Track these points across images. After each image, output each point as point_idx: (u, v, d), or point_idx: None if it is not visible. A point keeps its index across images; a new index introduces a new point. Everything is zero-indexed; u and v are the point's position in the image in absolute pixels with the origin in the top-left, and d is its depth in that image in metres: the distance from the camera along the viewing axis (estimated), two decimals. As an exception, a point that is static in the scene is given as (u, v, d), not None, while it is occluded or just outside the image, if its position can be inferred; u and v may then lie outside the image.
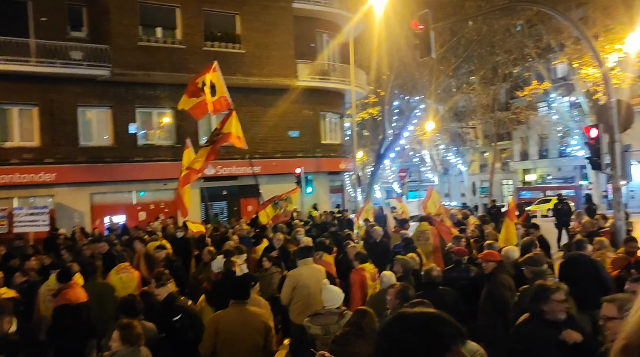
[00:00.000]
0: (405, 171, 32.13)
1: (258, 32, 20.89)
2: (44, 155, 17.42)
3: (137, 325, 4.52)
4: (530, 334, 3.94)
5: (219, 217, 20.17)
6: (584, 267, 6.42)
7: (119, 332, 4.41)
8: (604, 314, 3.48)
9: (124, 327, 4.45)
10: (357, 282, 7.00)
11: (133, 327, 4.44)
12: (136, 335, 4.39)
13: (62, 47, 17.20)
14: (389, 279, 6.03)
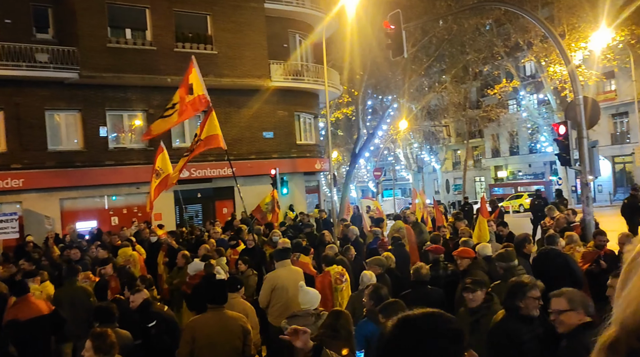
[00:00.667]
0: (380, 170, 32.31)
1: (230, 32, 20.73)
2: (11, 160, 16.93)
3: (110, 334, 4.41)
4: (511, 330, 4.00)
5: (194, 221, 19.96)
6: (556, 261, 6.56)
7: (91, 342, 4.31)
8: (555, 309, 3.56)
9: (97, 336, 4.34)
10: (325, 285, 7.00)
11: (107, 336, 4.34)
12: (110, 344, 4.29)
13: (27, 49, 16.74)
14: (369, 278, 6.05)
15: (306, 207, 23.18)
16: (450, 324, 1.49)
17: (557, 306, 3.55)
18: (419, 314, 1.51)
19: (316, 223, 16.32)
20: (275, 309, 6.45)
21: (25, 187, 16.91)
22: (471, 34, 27.87)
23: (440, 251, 7.60)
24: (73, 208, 18.41)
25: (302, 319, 4.95)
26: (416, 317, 1.50)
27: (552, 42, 11.53)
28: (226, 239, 11.60)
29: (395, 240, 9.25)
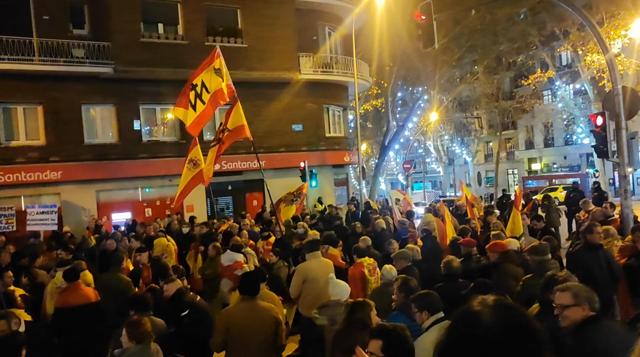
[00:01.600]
0: (409, 163, 32.06)
1: (260, 26, 20.82)
2: (50, 153, 17.47)
3: (145, 322, 4.54)
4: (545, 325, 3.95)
5: (224, 213, 20.22)
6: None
7: (127, 330, 4.44)
8: (560, 303, 3.54)
9: (131, 324, 4.47)
10: (356, 276, 7.01)
11: (142, 324, 4.46)
12: (145, 332, 4.42)
13: (64, 45, 17.20)
14: (389, 272, 6.03)
15: (335, 200, 23.20)
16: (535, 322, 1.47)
17: (562, 300, 3.53)
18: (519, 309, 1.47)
19: (345, 216, 16.34)
20: (306, 300, 6.50)
21: (63, 179, 17.44)
22: (504, 24, 27.23)
23: (472, 243, 7.51)
24: (108, 200, 18.90)
25: (332, 309, 4.99)
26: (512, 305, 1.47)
27: (590, 30, 11.17)
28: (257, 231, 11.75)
29: (426, 233, 9.18)
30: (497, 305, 1.43)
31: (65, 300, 6.49)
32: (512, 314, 1.42)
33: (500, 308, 1.42)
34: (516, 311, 1.44)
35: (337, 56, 23.76)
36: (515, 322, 1.39)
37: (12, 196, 16.12)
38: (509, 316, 1.40)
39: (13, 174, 16.58)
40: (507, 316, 1.40)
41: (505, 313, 1.41)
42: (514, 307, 1.46)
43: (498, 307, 1.42)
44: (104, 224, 16.93)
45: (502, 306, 1.43)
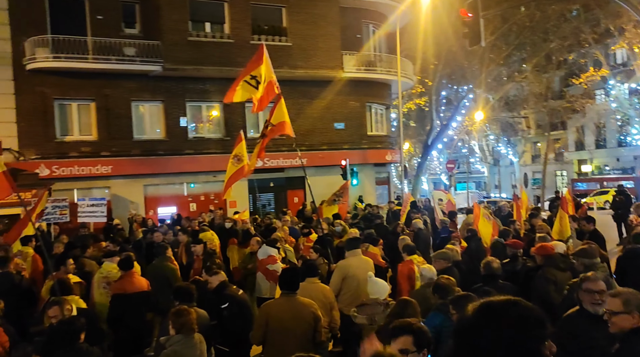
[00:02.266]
0: (453, 162, 31.45)
1: (304, 24, 20.96)
2: (101, 148, 18.18)
3: (191, 312, 4.67)
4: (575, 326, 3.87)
5: (266, 209, 20.49)
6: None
7: (171, 319, 4.59)
8: (609, 309, 3.45)
9: (176, 314, 4.62)
10: (404, 274, 6.98)
11: (184, 314, 4.60)
12: (186, 322, 4.55)
13: (116, 43, 17.84)
14: (428, 272, 5.98)
15: (376, 199, 23.10)
16: (531, 311, 1.47)
17: (612, 306, 3.44)
18: (501, 300, 1.50)
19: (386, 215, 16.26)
20: (345, 298, 6.53)
21: (113, 174, 18.11)
22: (555, 21, 26.40)
23: (518, 245, 7.35)
24: (155, 194, 19.49)
25: (371, 308, 5.00)
26: (497, 304, 1.49)
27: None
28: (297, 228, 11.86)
29: (471, 233, 9.02)
30: (482, 305, 1.50)
31: (122, 287, 6.77)
32: (492, 312, 1.47)
33: (483, 309, 1.49)
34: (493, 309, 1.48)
35: (380, 54, 23.63)
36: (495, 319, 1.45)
37: (66, 188, 16.84)
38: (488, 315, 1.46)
39: (67, 168, 17.35)
40: (486, 314, 1.47)
41: (486, 312, 1.47)
42: (496, 305, 1.49)
43: (481, 308, 1.49)
44: (151, 217, 17.49)
45: (485, 306, 1.50)
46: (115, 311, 6.47)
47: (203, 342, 4.69)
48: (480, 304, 1.51)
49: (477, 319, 1.47)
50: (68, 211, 13.40)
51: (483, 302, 1.51)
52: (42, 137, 17.25)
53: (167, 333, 4.66)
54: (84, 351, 4.32)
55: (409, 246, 7.49)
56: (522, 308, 1.47)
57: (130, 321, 6.51)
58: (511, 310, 1.46)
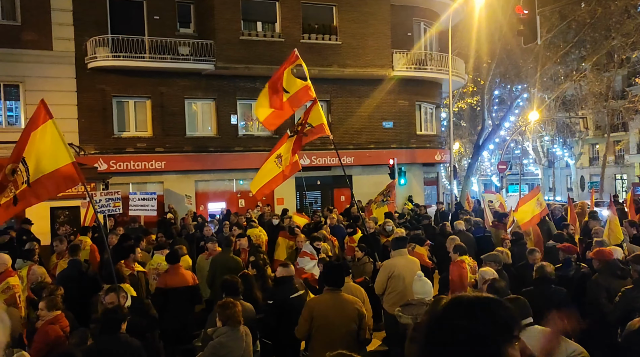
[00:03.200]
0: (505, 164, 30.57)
1: (355, 22, 20.92)
2: (155, 144, 18.81)
3: (236, 304, 4.78)
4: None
5: (313, 207, 20.61)
6: None
7: (218, 311, 4.70)
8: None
9: (222, 306, 4.73)
10: (456, 274, 6.87)
11: (232, 306, 4.71)
12: (231, 314, 4.65)
13: (172, 43, 18.42)
14: (489, 274, 5.85)
15: (424, 199, 22.80)
16: (502, 310, 1.44)
17: None
18: (472, 296, 1.51)
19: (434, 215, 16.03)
20: (390, 297, 6.50)
21: (166, 169, 18.71)
22: (618, 17, 25.16)
23: (572, 250, 7.08)
24: (206, 190, 19.99)
25: (416, 307, 4.94)
26: (467, 299, 1.49)
27: None
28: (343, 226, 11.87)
29: (515, 237, 8.77)
30: (453, 299, 1.51)
31: (164, 281, 7.00)
32: (462, 307, 1.46)
33: (453, 302, 1.49)
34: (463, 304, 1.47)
35: (431, 53, 23.27)
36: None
37: (122, 182, 17.50)
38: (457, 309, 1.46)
39: (123, 163, 18.07)
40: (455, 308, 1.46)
41: (455, 306, 1.47)
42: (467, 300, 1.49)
43: (452, 301, 1.50)
44: (201, 212, 17.96)
45: (456, 299, 1.50)
46: (156, 304, 6.68)
47: (249, 334, 4.78)
48: (451, 297, 1.52)
49: (445, 312, 1.47)
50: (121, 204, 13.86)
51: (454, 296, 1.53)
52: (101, 133, 18.03)
53: (214, 325, 4.78)
54: (122, 341, 4.49)
55: (460, 247, 7.36)
56: (492, 306, 1.45)
57: (173, 314, 6.70)
58: (478, 306, 1.45)
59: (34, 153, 5.76)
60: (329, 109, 21.32)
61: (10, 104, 17.41)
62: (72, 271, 7.46)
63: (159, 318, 6.58)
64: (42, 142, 5.80)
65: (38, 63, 17.01)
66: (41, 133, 5.82)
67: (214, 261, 8.13)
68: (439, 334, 1.44)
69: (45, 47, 17.20)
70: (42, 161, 5.76)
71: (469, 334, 1.39)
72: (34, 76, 16.96)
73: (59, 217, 14.16)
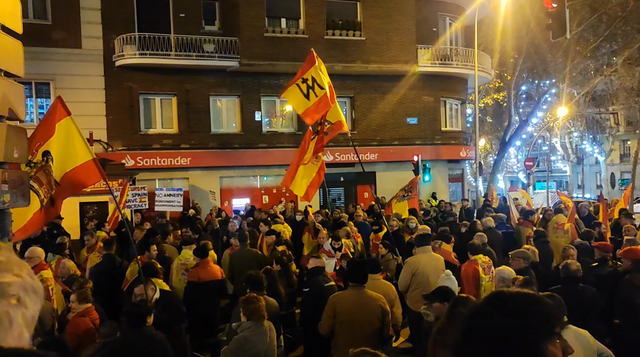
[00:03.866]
0: (532, 160, 30.00)
1: (379, 18, 20.79)
2: (181, 141, 19.06)
3: (260, 299, 4.82)
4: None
5: (336, 203, 20.61)
6: None
7: (242, 306, 4.75)
8: None
9: (246, 301, 4.77)
10: (469, 274, 6.80)
11: (256, 301, 4.75)
12: (255, 309, 4.69)
13: (197, 40, 18.60)
14: (509, 275, 5.77)
15: (448, 196, 22.58)
16: (543, 307, 1.43)
17: None
18: (514, 291, 1.51)
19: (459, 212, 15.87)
20: (414, 294, 6.47)
21: (191, 165, 18.94)
22: (652, 9, 24.39)
23: (608, 248, 6.91)
24: (230, 186, 20.18)
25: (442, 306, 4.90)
26: (509, 293, 1.50)
27: None
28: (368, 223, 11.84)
29: (537, 234, 8.62)
30: (492, 294, 1.53)
31: (197, 275, 7.11)
32: (501, 302, 1.47)
33: (493, 297, 1.50)
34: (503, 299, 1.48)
35: (457, 48, 22.98)
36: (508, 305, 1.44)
37: (148, 178, 17.81)
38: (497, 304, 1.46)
39: (150, 159, 18.35)
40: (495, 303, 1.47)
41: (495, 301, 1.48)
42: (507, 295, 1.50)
43: (491, 297, 1.51)
44: (225, 208, 18.12)
45: (496, 295, 1.52)
46: (189, 297, 6.79)
47: (273, 329, 4.81)
48: (492, 292, 1.54)
49: (485, 305, 1.48)
50: (147, 199, 14.07)
51: (494, 292, 1.54)
52: (128, 130, 18.35)
53: (239, 319, 4.83)
54: (147, 335, 4.55)
55: (473, 246, 7.29)
56: (533, 302, 1.45)
57: (203, 307, 6.81)
58: (520, 301, 1.45)
59: (56, 150, 5.78)
60: (353, 106, 21.27)
61: (42, 102, 17.86)
62: (106, 264, 7.68)
63: (189, 311, 6.70)
64: (62, 139, 5.83)
65: (67, 61, 17.39)
66: (59, 130, 5.84)
67: (231, 256, 8.22)
68: (476, 330, 1.44)
69: (74, 46, 17.57)
70: (63, 159, 5.82)
71: (507, 330, 1.39)
72: (64, 74, 17.34)
73: (87, 212, 14.46)
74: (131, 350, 4.40)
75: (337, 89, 20.75)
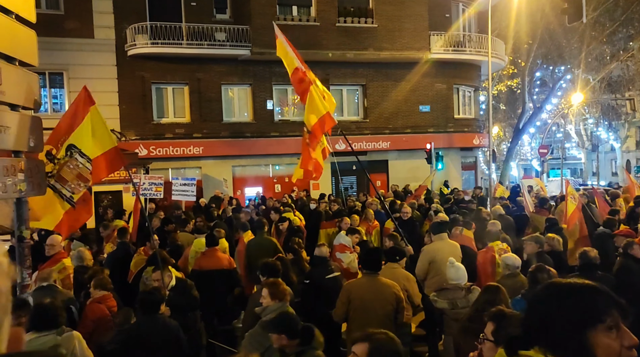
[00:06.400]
0: (546, 148, 29.67)
1: (391, 4, 20.57)
2: (193, 130, 19.11)
3: (282, 283, 4.84)
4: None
5: (349, 192, 20.59)
6: None
7: (268, 290, 4.74)
8: None
9: (272, 284, 4.78)
10: (487, 260, 6.77)
11: (280, 284, 4.77)
12: (283, 291, 4.72)
13: (208, 29, 18.57)
14: (513, 262, 5.73)
15: (461, 184, 22.45)
16: (586, 295, 1.50)
17: None
18: (569, 281, 1.60)
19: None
20: (432, 282, 6.45)
21: (204, 155, 19.01)
22: (671, -8, 23.89)
23: (632, 234, 6.84)
24: (243, 175, 20.24)
25: (452, 292, 4.90)
26: (563, 282, 1.60)
27: None
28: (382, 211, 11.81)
29: (549, 222, 8.52)
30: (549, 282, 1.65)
31: (200, 264, 7.15)
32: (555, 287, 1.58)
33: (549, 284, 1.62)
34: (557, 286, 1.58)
35: (470, 34, 22.70)
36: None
37: (161, 168, 17.92)
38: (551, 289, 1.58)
39: (163, 148, 18.46)
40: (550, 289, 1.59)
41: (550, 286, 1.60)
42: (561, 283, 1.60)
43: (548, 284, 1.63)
44: (238, 197, 18.19)
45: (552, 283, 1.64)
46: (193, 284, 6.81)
47: (295, 314, 4.84)
48: (547, 283, 1.66)
49: (538, 297, 1.59)
50: (162, 188, 14.19)
51: (550, 282, 1.67)
52: (141, 119, 18.43)
53: (256, 305, 4.85)
54: (160, 322, 4.61)
55: (491, 232, 7.28)
56: (577, 290, 1.53)
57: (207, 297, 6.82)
58: (575, 284, 1.54)
59: (83, 139, 5.88)
60: (365, 94, 21.14)
61: (55, 92, 18.01)
62: (121, 252, 7.77)
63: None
64: (88, 127, 5.94)
65: (80, 51, 17.47)
66: (86, 119, 5.96)
67: (248, 244, 8.24)
68: (531, 317, 1.56)
69: (87, 36, 17.64)
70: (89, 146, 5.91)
71: (552, 318, 1.47)
72: (77, 64, 17.44)
73: (102, 201, 14.61)
74: (145, 337, 4.45)
75: (349, 77, 20.87)
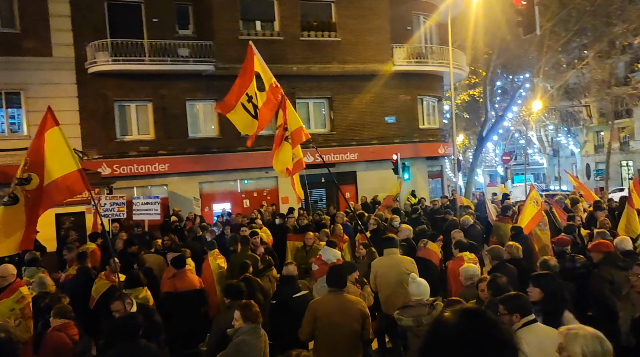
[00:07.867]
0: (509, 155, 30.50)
1: (354, 18, 20.86)
2: (158, 147, 18.83)
3: (255, 305, 4.79)
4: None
5: (318, 205, 20.61)
6: None
7: (240, 312, 4.69)
8: None
9: (244, 306, 4.73)
10: (456, 271, 6.84)
11: (252, 306, 4.72)
12: (255, 313, 4.67)
13: (171, 45, 18.41)
14: (473, 272, 5.82)
15: (428, 193, 22.76)
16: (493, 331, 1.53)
17: None
18: (483, 309, 1.62)
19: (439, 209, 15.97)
20: (381, 296, 6.52)
21: (170, 172, 18.72)
22: (619, 3, 24.92)
23: (565, 242, 7.07)
24: (210, 191, 20.01)
25: (415, 309, 4.91)
26: (481, 311, 1.60)
27: None
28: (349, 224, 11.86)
29: (515, 230, 8.69)
30: (464, 312, 1.58)
31: (173, 285, 6.98)
32: (477, 319, 1.54)
33: (465, 315, 1.56)
34: (481, 316, 1.56)
35: (431, 46, 23.19)
36: (477, 327, 1.52)
37: (126, 186, 17.58)
38: (472, 322, 1.53)
39: (127, 167, 18.09)
40: (470, 322, 1.54)
41: (469, 319, 1.54)
42: (479, 313, 1.58)
43: (464, 314, 1.56)
44: (204, 214, 17.96)
45: (467, 312, 1.58)
46: (166, 308, 6.65)
47: (265, 334, 4.80)
48: (463, 308, 1.63)
49: (465, 321, 1.55)
50: (125, 208, 13.84)
51: (466, 307, 1.64)
52: (103, 138, 18.06)
53: (224, 327, 4.78)
54: (142, 347, 4.50)
55: (460, 242, 7.33)
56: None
57: (181, 318, 6.69)
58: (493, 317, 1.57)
59: (45, 160, 5.81)
60: (331, 106, 21.28)
61: (12, 112, 17.48)
62: (81, 278, 7.41)
63: (167, 323, 6.59)
64: (49, 149, 5.84)
65: (38, 70, 17.05)
66: (48, 140, 5.87)
67: (232, 260, 8.17)
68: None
69: (45, 54, 17.23)
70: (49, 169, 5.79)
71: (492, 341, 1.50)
72: (35, 83, 17.01)
73: (64, 223, 14.20)
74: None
75: (315, 90, 21.00)
